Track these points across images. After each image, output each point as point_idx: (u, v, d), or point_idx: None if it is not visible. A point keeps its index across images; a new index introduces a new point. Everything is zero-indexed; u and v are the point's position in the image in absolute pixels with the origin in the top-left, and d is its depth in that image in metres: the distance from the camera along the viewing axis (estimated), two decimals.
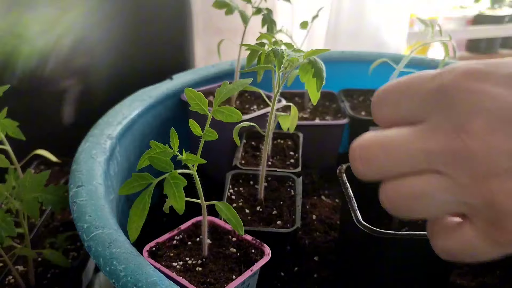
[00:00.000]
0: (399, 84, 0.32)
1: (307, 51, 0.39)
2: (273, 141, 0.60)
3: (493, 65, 0.30)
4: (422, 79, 0.31)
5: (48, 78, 0.70)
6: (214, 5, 0.55)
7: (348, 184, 0.43)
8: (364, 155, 0.32)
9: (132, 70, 0.83)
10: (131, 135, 0.56)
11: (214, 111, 0.34)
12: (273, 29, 0.55)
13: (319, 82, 0.39)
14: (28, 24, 0.64)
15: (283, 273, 0.47)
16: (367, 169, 0.32)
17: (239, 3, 0.56)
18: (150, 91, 0.62)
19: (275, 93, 0.42)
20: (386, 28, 1.24)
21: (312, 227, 0.53)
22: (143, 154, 0.34)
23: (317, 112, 0.69)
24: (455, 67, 0.30)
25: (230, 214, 0.35)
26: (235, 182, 0.51)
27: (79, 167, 0.45)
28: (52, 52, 0.69)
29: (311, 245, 0.51)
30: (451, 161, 0.29)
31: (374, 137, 0.32)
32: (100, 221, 0.37)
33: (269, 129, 0.45)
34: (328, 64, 0.43)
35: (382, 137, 0.32)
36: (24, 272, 0.49)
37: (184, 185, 0.33)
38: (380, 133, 0.32)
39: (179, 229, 0.41)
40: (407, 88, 0.32)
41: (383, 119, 0.33)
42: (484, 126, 0.28)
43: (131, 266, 0.32)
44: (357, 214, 0.39)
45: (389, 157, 0.31)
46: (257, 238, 0.39)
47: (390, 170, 0.32)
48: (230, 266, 0.37)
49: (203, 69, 0.71)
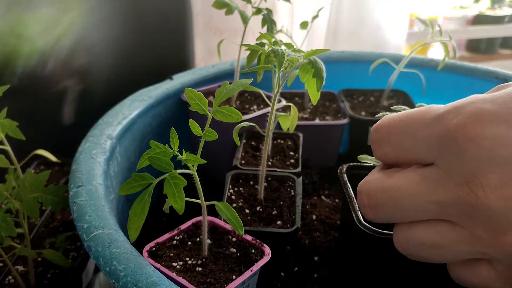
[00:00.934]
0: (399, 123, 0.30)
1: (307, 51, 0.39)
2: (273, 141, 0.60)
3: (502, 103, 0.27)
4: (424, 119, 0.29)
5: (48, 78, 0.70)
6: (214, 5, 0.55)
7: (349, 184, 0.43)
8: (373, 204, 0.31)
9: (132, 70, 0.83)
10: (131, 135, 0.56)
11: (214, 111, 0.34)
12: (273, 29, 0.55)
13: (319, 82, 0.39)
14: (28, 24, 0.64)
15: (283, 273, 0.47)
16: (377, 216, 0.31)
17: (239, 3, 0.56)
18: (150, 91, 0.62)
19: (275, 93, 0.42)
20: (386, 28, 1.24)
21: (312, 227, 0.53)
22: (143, 154, 0.34)
23: (317, 112, 0.69)
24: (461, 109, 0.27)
25: (230, 214, 0.35)
26: (235, 182, 0.51)
27: (79, 167, 0.45)
28: (52, 52, 0.69)
29: (311, 245, 0.51)
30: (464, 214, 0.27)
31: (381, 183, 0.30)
32: (100, 221, 0.37)
33: (269, 129, 0.45)
34: (328, 64, 0.43)
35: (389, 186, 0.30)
36: (24, 272, 0.49)
37: (184, 185, 0.33)
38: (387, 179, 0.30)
39: (179, 229, 0.41)
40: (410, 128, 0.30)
41: (387, 159, 0.32)
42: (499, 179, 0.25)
43: (131, 266, 0.32)
44: (358, 215, 0.39)
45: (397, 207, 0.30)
46: (257, 238, 0.39)
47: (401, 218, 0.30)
48: (230, 266, 0.37)
49: (203, 69, 0.71)
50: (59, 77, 0.72)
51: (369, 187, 0.31)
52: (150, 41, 0.85)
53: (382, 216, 0.31)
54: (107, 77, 0.79)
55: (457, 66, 0.72)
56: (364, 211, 0.32)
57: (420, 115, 0.29)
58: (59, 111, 0.74)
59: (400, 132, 0.30)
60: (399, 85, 0.70)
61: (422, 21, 0.63)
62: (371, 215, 0.32)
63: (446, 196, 0.27)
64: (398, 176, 0.30)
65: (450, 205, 0.27)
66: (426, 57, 0.76)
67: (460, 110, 0.27)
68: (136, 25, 0.82)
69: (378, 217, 0.31)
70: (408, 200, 0.29)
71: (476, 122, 0.26)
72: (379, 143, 0.32)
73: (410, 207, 0.29)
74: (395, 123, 0.30)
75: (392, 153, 0.31)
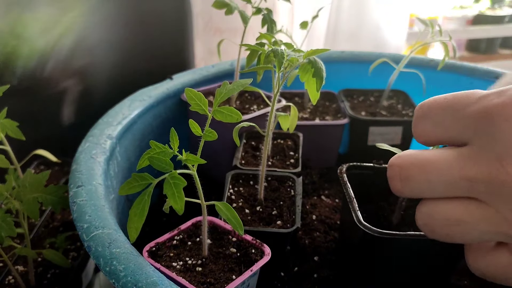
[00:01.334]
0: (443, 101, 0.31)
1: (307, 51, 0.39)
2: (273, 141, 0.60)
3: None
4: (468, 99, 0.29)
5: (48, 78, 0.70)
6: (214, 5, 0.55)
7: (349, 184, 0.43)
8: (404, 175, 0.31)
9: (132, 70, 0.83)
10: (131, 135, 0.56)
11: (214, 111, 0.34)
12: (273, 29, 0.55)
13: (319, 82, 0.39)
14: (28, 24, 0.64)
15: (283, 273, 0.47)
16: (406, 189, 0.31)
17: (239, 3, 0.56)
18: (150, 91, 0.62)
19: (275, 93, 0.42)
20: (386, 28, 1.25)
21: (312, 227, 0.53)
22: (143, 154, 0.34)
23: (317, 112, 0.69)
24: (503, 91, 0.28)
25: (230, 214, 0.35)
26: (235, 182, 0.51)
27: (79, 167, 0.45)
28: (52, 52, 0.69)
29: (311, 245, 0.51)
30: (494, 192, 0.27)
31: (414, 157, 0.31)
32: (100, 221, 0.37)
33: (269, 129, 0.45)
34: (328, 64, 0.43)
35: (423, 159, 0.30)
36: (24, 272, 0.49)
37: (184, 185, 0.33)
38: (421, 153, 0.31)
39: (179, 229, 0.41)
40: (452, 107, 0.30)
41: (424, 135, 0.32)
42: None
43: (131, 266, 0.32)
44: (358, 215, 0.39)
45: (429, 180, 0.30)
46: (257, 238, 0.39)
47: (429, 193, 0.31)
48: (230, 266, 0.37)
49: (203, 69, 0.71)
50: (59, 77, 0.72)
51: (403, 159, 0.31)
52: (150, 41, 0.85)
53: (410, 189, 0.31)
54: (107, 77, 0.79)
55: (457, 66, 0.72)
56: (393, 184, 0.32)
57: (465, 95, 0.30)
58: (59, 111, 0.74)
59: (442, 108, 0.31)
60: (399, 85, 0.70)
61: (422, 21, 0.63)
62: (400, 187, 0.31)
63: (477, 171, 0.28)
64: (433, 152, 0.30)
65: (480, 181, 0.27)
66: (426, 57, 0.76)
67: (502, 93, 0.28)
68: (136, 25, 0.82)
69: (406, 190, 0.31)
70: (440, 174, 0.29)
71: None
72: (419, 118, 0.32)
73: (441, 181, 0.29)
74: (439, 99, 0.31)
75: (431, 130, 0.31)
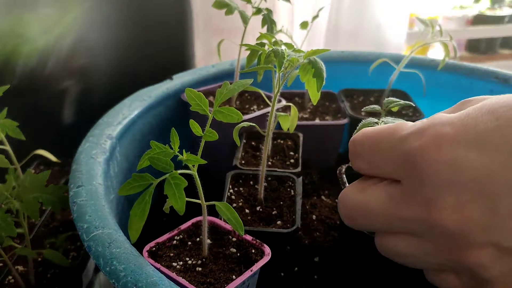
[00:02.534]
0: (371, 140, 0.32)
1: (307, 51, 0.39)
2: (273, 141, 0.60)
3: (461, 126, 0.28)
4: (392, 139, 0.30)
5: (48, 78, 0.70)
6: (214, 5, 0.55)
7: (348, 184, 0.43)
8: (347, 215, 0.34)
9: (132, 70, 0.83)
10: (131, 135, 0.56)
11: (215, 112, 0.34)
12: (273, 29, 0.55)
13: (319, 82, 0.39)
14: (28, 24, 0.64)
15: (283, 273, 0.47)
16: (354, 225, 0.34)
17: (239, 3, 0.56)
18: (150, 91, 0.62)
19: (275, 93, 0.42)
20: (386, 28, 1.24)
21: (312, 227, 0.53)
22: (143, 155, 0.34)
23: (317, 112, 0.69)
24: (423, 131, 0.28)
25: (230, 214, 0.35)
26: (235, 182, 0.51)
27: (79, 167, 0.45)
28: (52, 52, 0.69)
29: (311, 245, 0.51)
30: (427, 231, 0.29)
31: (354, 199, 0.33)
32: (100, 221, 0.37)
33: (269, 129, 0.45)
34: (328, 64, 0.43)
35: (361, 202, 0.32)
36: (24, 272, 0.49)
37: (184, 185, 0.33)
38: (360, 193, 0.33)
39: (179, 229, 0.41)
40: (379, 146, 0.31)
41: (363, 171, 0.34)
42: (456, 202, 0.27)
43: (131, 266, 0.32)
44: None
45: (369, 221, 0.32)
46: (257, 238, 0.39)
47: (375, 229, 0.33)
48: (230, 266, 0.37)
49: (203, 69, 0.71)
50: (59, 77, 0.72)
51: (345, 201, 0.34)
52: (150, 41, 0.85)
53: (359, 227, 0.34)
54: (107, 77, 0.79)
55: (457, 66, 0.72)
56: (344, 221, 0.35)
57: (389, 133, 0.31)
58: (59, 111, 0.74)
59: (371, 148, 0.32)
60: (399, 85, 0.70)
61: (422, 21, 0.63)
62: (349, 224, 0.34)
63: (410, 214, 0.29)
64: (370, 193, 0.32)
65: (414, 222, 0.29)
66: (426, 57, 0.76)
67: (422, 133, 0.29)
68: (136, 25, 0.82)
69: (355, 226, 0.34)
70: (378, 216, 0.31)
71: (435, 147, 0.27)
72: (354, 156, 0.34)
73: (379, 221, 0.32)
74: (367, 138, 0.32)
75: (365, 168, 0.33)
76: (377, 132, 0.32)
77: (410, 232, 0.30)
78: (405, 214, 0.29)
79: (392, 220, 0.30)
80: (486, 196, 0.26)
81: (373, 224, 0.32)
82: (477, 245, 0.27)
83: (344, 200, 0.34)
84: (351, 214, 0.34)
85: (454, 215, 0.27)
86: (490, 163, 0.26)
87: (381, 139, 0.31)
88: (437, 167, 0.27)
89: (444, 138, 0.27)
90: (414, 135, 0.29)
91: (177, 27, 0.90)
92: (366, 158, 0.33)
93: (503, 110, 0.27)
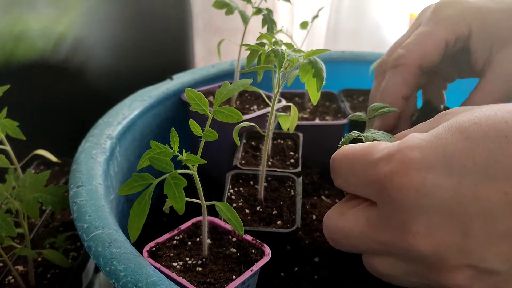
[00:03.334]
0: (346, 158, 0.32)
1: (307, 51, 0.39)
2: (273, 141, 0.60)
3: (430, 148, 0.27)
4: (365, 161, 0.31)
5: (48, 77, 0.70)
6: (214, 5, 0.55)
7: None
8: (330, 238, 0.35)
9: (132, 70, 0.83)
10: (131, 135, 0.56)
11: (215, 112, 0.34)
12: (273, 29, 0.55)
13: (319, 82, 0.39)
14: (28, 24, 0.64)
15: (283, 273, 0.47)
16: (338, 247, 0.35)
17: (239, 3, 0.56)
18: (150, 91, 0.62)
19: (275, 93, 0.42)
20: (386, 28, 1.24)
21: (312, 227, 0.53)
22: (143, 154, 0.34)
23: (317, 112, 0.69)
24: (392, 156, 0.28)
25: (230, 214, 0.35)
26: (235, 182, 0.51)
27: (79, 167, 0.45)
28: (52, 51, 0.69)
29: (311, 245, 0.51)
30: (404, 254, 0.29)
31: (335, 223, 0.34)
32: (100, 221, 0.37)
33: (269, 129, 0.45)
34: (328, 64, 0.43)
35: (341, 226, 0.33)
36: (24, 272, 0.49)
37: (184, 185, 0.33)
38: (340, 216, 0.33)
39: (179, 229, 0.41)
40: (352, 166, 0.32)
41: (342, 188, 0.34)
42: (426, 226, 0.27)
43: (131, 266, 0.32)
44: None
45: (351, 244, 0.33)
46: (257, 238, 0.39)
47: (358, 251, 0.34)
48: (230, 266, 0.37)
49: (203, 69, 0.71)
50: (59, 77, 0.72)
51: (327, 224, 0.35)
52: (150, 41, 0.85)
53: (343, 249, 0.34)
54: (107, 77, 0.80)
55: None
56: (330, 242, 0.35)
57: (363, 155, 0.31)
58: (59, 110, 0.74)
59: (347, 168, 0.32)
60: None
61: None
62: (335, 247, 0.35)
63: (385, 238, 0.29)
64: (349, 217, 0.33)
65: (390, 245, 0.29)
66: None
67: (391, 158, 0.28)
68: (136, 25, 0.82)
69: (341, 249, 0.35)
70: (357, 240, 0.32)
71: (402, 172, 0.27)
72: (333, 173, 0.34)
73: (360, 244, 0.32)
74: (344, 158, 0.33)
75: (344, 186, 0.34)
76: (352, 153, 0.32)
77: (390, 254, 0.30)
78: (382, 238, 0.29)
79: (370, 243, 0.31)
80: (457, 219, 0.26)
81: (355, 247, 0.33)
82: (454, 268, 0.27)
83: (327, 223, 0.35)
84: (333, 237, 0.34)
85: (427, 239, 0.27)
86: (458, 185, 0.25)
87: (355, 161, 0.31)
88: (405, 192, 0.27)
89: (412, 163, 0.27)
90: (384, 160, 0.29)
91: (177, 27, 0.90)
92: (343, 177, 0.33)
93: (473, 129, 0.26)
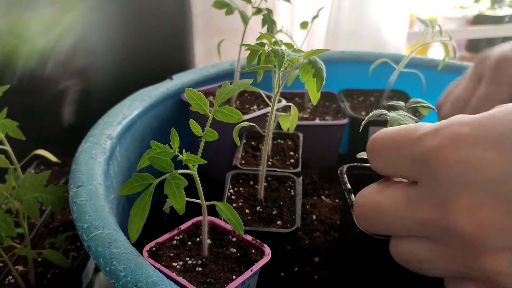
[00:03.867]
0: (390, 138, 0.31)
1: (307, 51, 0.39)
2: (273, 141, 0.60)
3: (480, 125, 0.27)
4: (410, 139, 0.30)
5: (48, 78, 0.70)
6: (214, 5, 0.55)
7: (349, 185, 0.43)
8: (364, 217, 0.33)
9: (132, 70, 0.83)
10: (131, 135, 0.56)
11: (215, 112, 0.34)
12: (273, 29, 0.55)
13: (319, 82, 0.39)
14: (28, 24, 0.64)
15: (283, 273, 0.47)
16: (370, 228, 0.33)
17: (239, 3, 0.56)
18: (150, 91, 0.62)
19: (275, 93, 0.42)
20: (386, 28, 1.25)
21: (312, 227, 0.53)
22: (144, 154, 0.34)
23: (317, 112, 0.69)
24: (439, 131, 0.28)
25: (230, 214, 0.35)
26: (235, 182, 0.51)
27: (79, 167, 0.45)
28: (52, 52, 0.69)
29: (311, 245, 0.51)
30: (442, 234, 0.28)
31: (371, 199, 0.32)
32: (100, 221, 0.37)
33: (269, 129, 0.45)
34: (328, 64, 0.43)
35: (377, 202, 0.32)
36: (24, 272, 0.49)
37: (184, 185, 0.33)
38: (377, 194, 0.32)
39: (179, 229, 0.41)
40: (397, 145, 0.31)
41: (380, 171, 0.33)
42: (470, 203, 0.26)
43: (131, 266, 0.32)
44: None
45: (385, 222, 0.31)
46: (257, 238, 0.39)
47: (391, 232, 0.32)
48: (230, 266, 0.37)
49: (203, 69, 0.71)
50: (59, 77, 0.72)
51: (362, 201, 0.33)
52: (150, 41, 0.85)
53: (374, 229, 0.33)
54: (107, 77, 0.79)
55: (457, 66, 0.72)
56: (358, 222, 0.34)
57: (407, 133, 0.30)
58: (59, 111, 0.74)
59: (390, 147, 0.31)
60: (399, 85, 0.70)
61: (422, 21, 0.63)
62: (365, 226, 0.33)
63: (425, 216, 0.28)
64: (387, 194, 0.31)
65: (430, 225, 0.28)
66: (426, 57, 0.76)
67: (438, 133, 0.28)
68: (136, 25, 0.82)
69: (371, 229, 0.33)
70: (394, 218, 0.30)
71: (450, 146, 0.27)
72: (373, 155, 0.33)
73: (395, 224, 0.31)
74: (387, 137, 0.32)
75: (384, 167, 0.33)
76: (396, 132, 0.31)
77: (425, 235, 0.29)
78: (421, 216, 0.28)
79: (407, 222, 0.29)
80: (502, 199, 0.25)
81: (388, 227, 0.31)
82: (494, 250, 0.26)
83: (360, 201, 0.33)
84: (367, 215, 0.32)
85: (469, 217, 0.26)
86: (507, 164, 0.25)
87: (399, 139, 0.31)
88: (451, 167, 0.26)
89: (460, 137, 0.27)
90: (431, 134, 0.28)
91: (177, 27, 0.90)
92: (385, 157, 0.32)
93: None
